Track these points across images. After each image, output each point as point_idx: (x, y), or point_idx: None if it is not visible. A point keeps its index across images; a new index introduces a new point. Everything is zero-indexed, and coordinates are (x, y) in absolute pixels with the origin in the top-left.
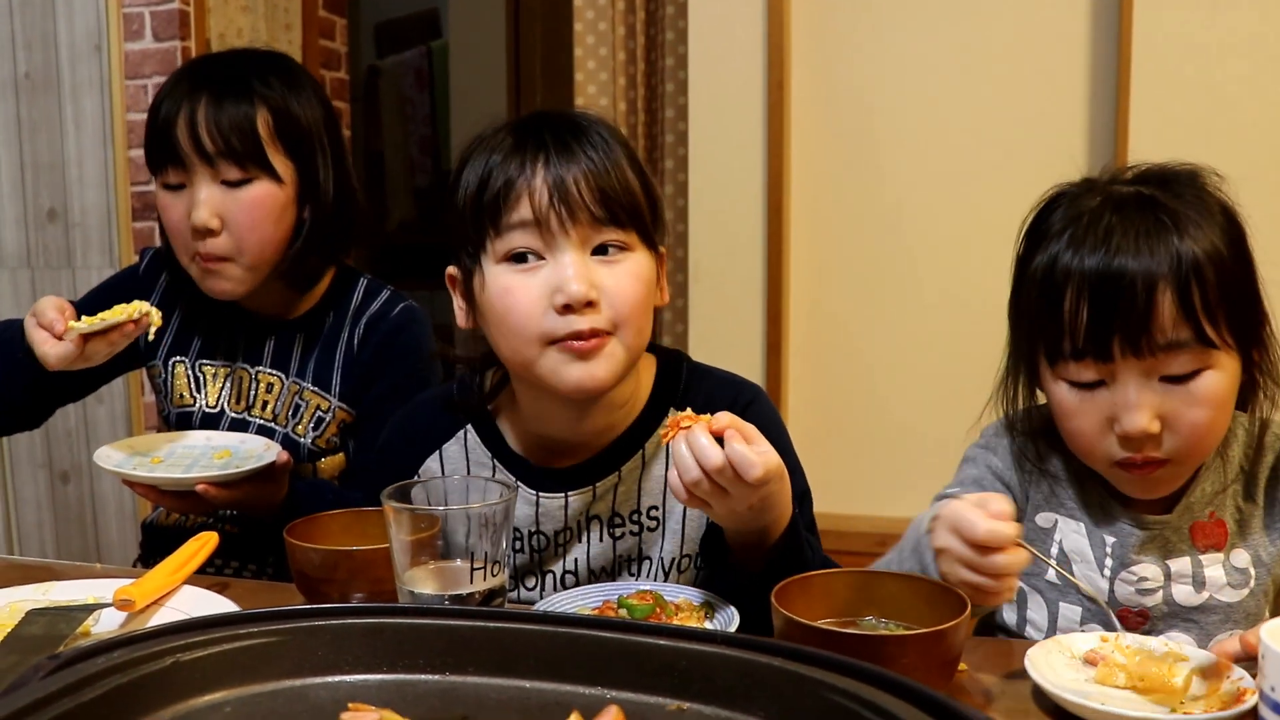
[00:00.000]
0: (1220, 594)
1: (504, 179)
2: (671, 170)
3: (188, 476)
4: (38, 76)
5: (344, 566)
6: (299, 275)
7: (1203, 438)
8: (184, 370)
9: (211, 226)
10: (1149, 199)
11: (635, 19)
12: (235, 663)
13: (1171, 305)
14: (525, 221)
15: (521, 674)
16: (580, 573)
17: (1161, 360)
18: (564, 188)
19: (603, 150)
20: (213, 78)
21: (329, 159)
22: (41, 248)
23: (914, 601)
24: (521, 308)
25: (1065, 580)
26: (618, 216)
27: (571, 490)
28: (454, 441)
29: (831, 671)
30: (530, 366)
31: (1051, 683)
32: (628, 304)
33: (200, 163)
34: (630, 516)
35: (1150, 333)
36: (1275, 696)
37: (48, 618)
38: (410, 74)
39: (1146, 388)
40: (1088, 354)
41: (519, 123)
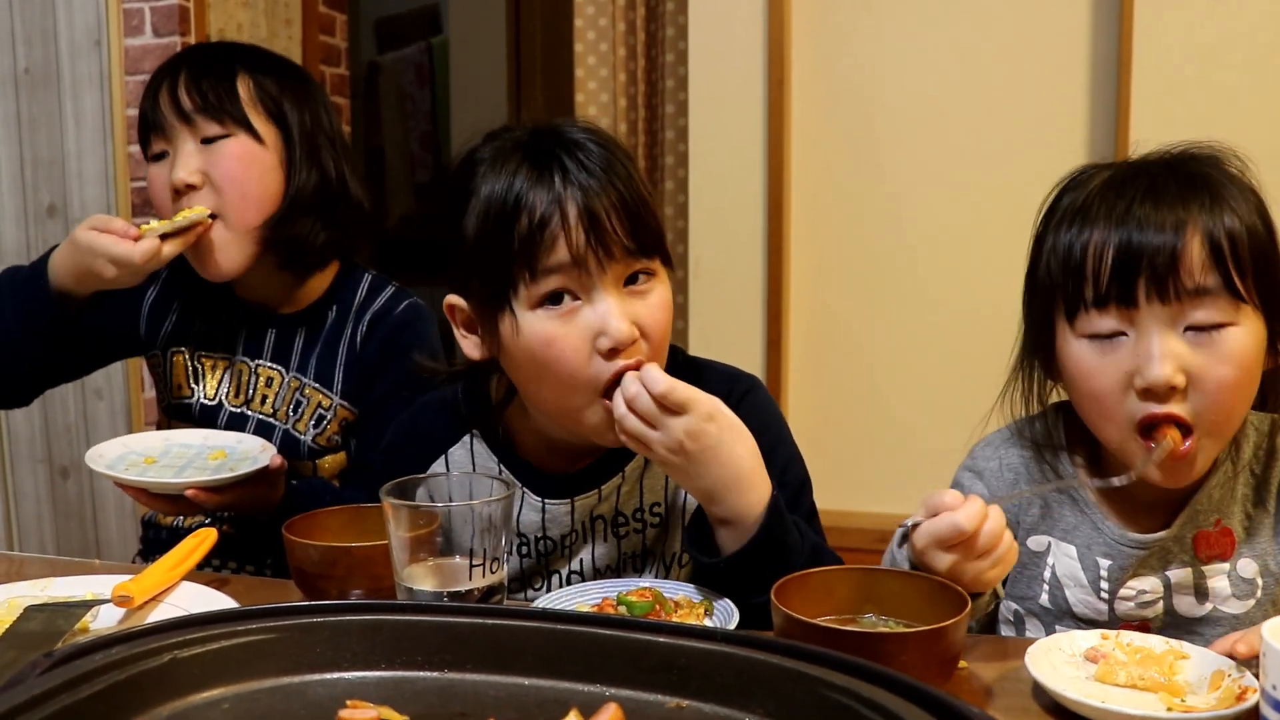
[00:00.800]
0: (1225, 605)
1: (536, 217)
2: (672, 166)
3: (177, 481)
4: (37, 72)
5: (342, 563)
6: (289, 249)
7: (1228, 401)
8: (183, 361)
9: (192, 182)
10: (1180, 165)
11: (635, 15)
12: (233, 659)
13: (1201, 249)
14: (563, 265)
15: (520, 671)
16: (586, 573)
17: (1187, 307)
18: (599, 226)
19: (625, 176)
20: (200, 56)
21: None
22: (41, 243)
23: (914, 599)
24: (567, 358)
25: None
26: (647, 246)
27: (577, 495)
28: (460, 447)
29: (830, 669)
30: (574, 414)
31: (1051, 680)
32: (660, 336)
33: (179, 123)
34: (634, 515)
35: (1178, 275)
36: (1277, 695)
37: (46, 614)
38: (411, 70)
39: (1171, 337)
40: (1111, 298)
41: (531, 143)
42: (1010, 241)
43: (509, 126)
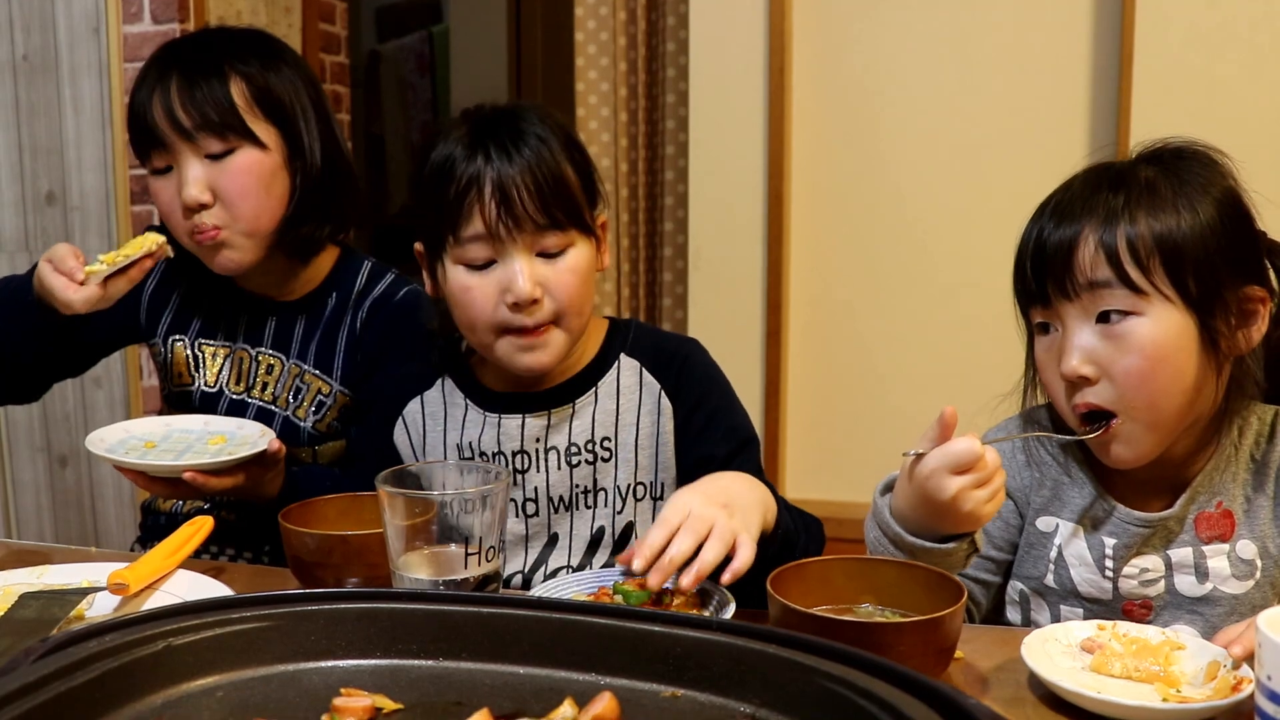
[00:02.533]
0: (1224, 585)
1: (456, 190)
2: (672, 156)
3: (176, 464)
4: (36, 59)
5: (339, 551)
6: (296, 243)
7: (1140, 389)
8: (183, 349)
9: (203, 201)
10: (1129, 171)
11: (636, 3)
12: (228, 647)
13: (1092, 246)
14: (479, 234)
15: (515, 660)
16: (540, 500)
17: (1089, 301)
18: (509, 201)
19: (543, 152)
20: (184, 59)
21: (313, 125)
22: (40, 231)
23: (911, 588)
24: (478, 304)
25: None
26: (558, 220)
27: (529, 413)
28: (433, 389)
29: (826, 658)
30: (487, 349)
31: (1047, 671)
32: (568, 296)
33: (181, 140)
34: (585, 446)
35: (1072, 271)
36: (1272, 685)
37: (41, 601)
38: (411, 58)
39: (1082, 330)
40: (1034, 299)
41: (475, 118)
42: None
43: (479, 105)
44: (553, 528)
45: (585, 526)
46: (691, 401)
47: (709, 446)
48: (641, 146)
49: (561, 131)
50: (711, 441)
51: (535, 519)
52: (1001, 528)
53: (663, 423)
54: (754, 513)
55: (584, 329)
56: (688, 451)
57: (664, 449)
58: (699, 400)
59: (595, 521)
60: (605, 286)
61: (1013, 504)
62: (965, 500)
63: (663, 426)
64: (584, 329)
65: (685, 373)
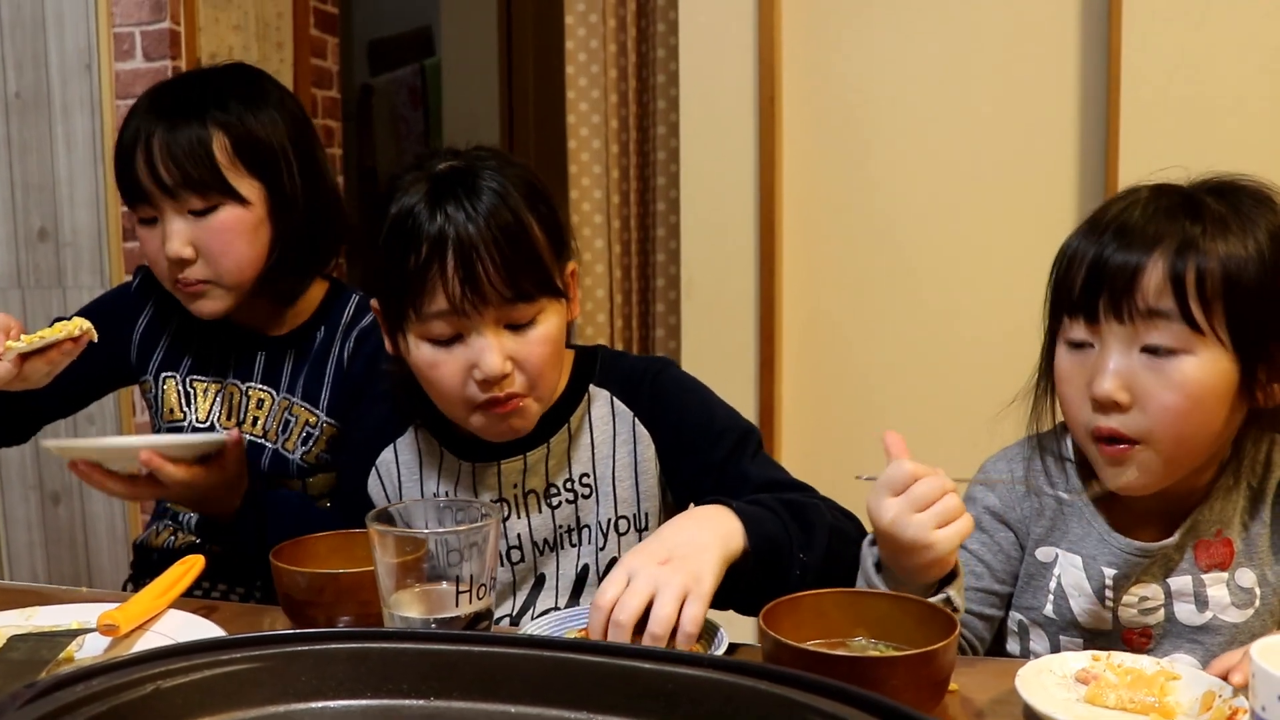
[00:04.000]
0: (1224, 614)
1: (416, 262)
2: (664, 186)
3: (131, 441)
4: (28, 96)
5: (330, 589)
6: (278, 290)
7: (1172, 426)
8: (174, 385)
9: (185, 257)
10: (1193, 199)
11: (626, 37)
12: (217, 689)
13: (1160, 274)
14: (443, 311)
15: (506, 698)
16: (524, 547)
17: (1142, 329)
18: (474, 278)
19: (504, 215)
20: (167, 106)
21: (296, 171)
22: (32, 267)
23: (904, 621)
24: (446, 381)
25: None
26: (526, 292)
27: (504, 459)
28: (407, 435)
29: (817, 695)
30: (459, 421)
31: (1042, 703)
32: (538, 367)
33: (163, 196)
34: (564, 485)
35: (1133, 295)
36: (1266, 716)
37: (30, 643)
38: (404, 91)
39: (1125, 355)
40: (1080, 310)
41: (435, 184)
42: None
43: (435, 152)
44: (539, 569)
45: (570, 565)
46: (671, 422)
47: (703, 456)
48: (633, 178)
49: (523, 184)
50: (704, 450)
51: (521, 564)
52: (1003, 560)
53: (641, 450)
54: (705, 554)
55: (554, 391)
56: (683, 467)
57: (645, 478)
58: (679, 418)
59: (580, 560)
60: (598, 318)
61: (1013, 535)
62: (904, 525)
63: (641, 455)
64: (554, 391)
65: (656, 395)
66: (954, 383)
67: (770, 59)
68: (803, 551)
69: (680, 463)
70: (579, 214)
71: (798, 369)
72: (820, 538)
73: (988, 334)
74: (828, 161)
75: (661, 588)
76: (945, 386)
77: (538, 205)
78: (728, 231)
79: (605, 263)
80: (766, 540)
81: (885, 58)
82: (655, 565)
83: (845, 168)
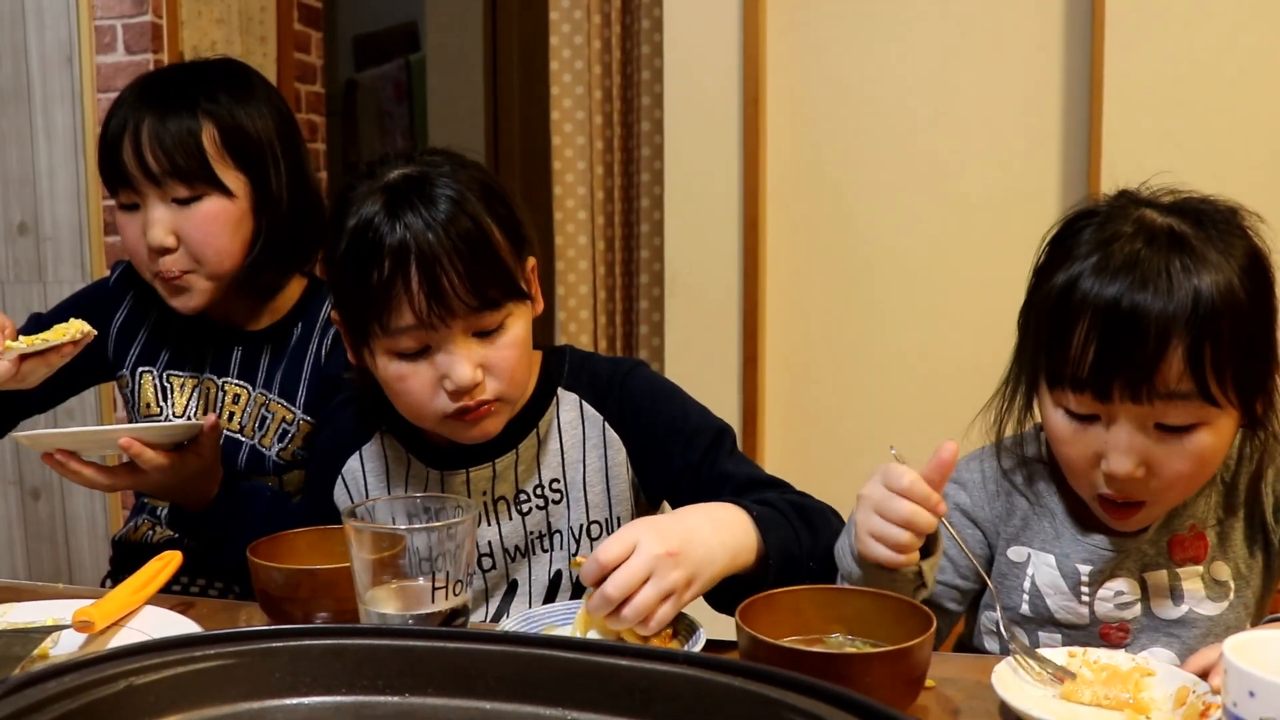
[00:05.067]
0: (1199, 607)
1: (380, 278)
2: (648, 183)
3: (110, 428)
4: (8, 88)
5: (307, 585)
6: (257, 285)
7: (1184, 487)
8: (151, 380)
9: (166, 245)
10: (1180, 238)
11: (610, 33)
12: (190, 686)
13: (1180, 358)
14: (409, 326)
15: (482, 694)
16: (495, 554)
17: (1159, 409)
18: (440, 292)
19: (462, 221)
20: (156, 96)
21: (283, 168)
22: (12, 261)
23: (880, 618)
24: (415, 394)
25: (963, 552)
26: (493, 300)
27: (472, 466)
28: (373, 442)
29: (792, 692)
30: (429, 426)
31: (1018, 700)
32: (509, 373)
33: (148, 183)
34: (534, 491)
35: (1153, 382)
36: (1237, 711)
37: (4, 640)
38: (389, 86)
39: (1139, 433)
40: (1088, 389)
41: (390, 195)
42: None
43: (385, 159)
44: (510, 575)
45: (543, 571)
46: (641, 426)
47: (679, 457)
48: (617, 174)
49: (479, 186)
50: (679, 452)
51: (493, 571)
52: (967, 558)
53: (611, 455)
54: (708, 562)
55: (524, 393)
56: (658, 470)
57: (616, 483)
58: (649, 421)
59: (552, 565)
60: (582, 314)
61: (981, 534)
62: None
63: (612, 459)
64: (524, 393)
65: (626, 399)
66: (934, 379)
67: (754, 57)
68: (812, 560)
69: (653, 465)
70: (563, 210)
71: (780, 364)
72: (823, 541)
73: (968, 331)
74: (811, 159)
75: (656, 577)
76: (926, 382)
77: (495, 207)
78: (711, 228)
79: (589, 259)
80: (785, 556)
81: (868, 57)
82: (662, 550)
83: (828, 166)
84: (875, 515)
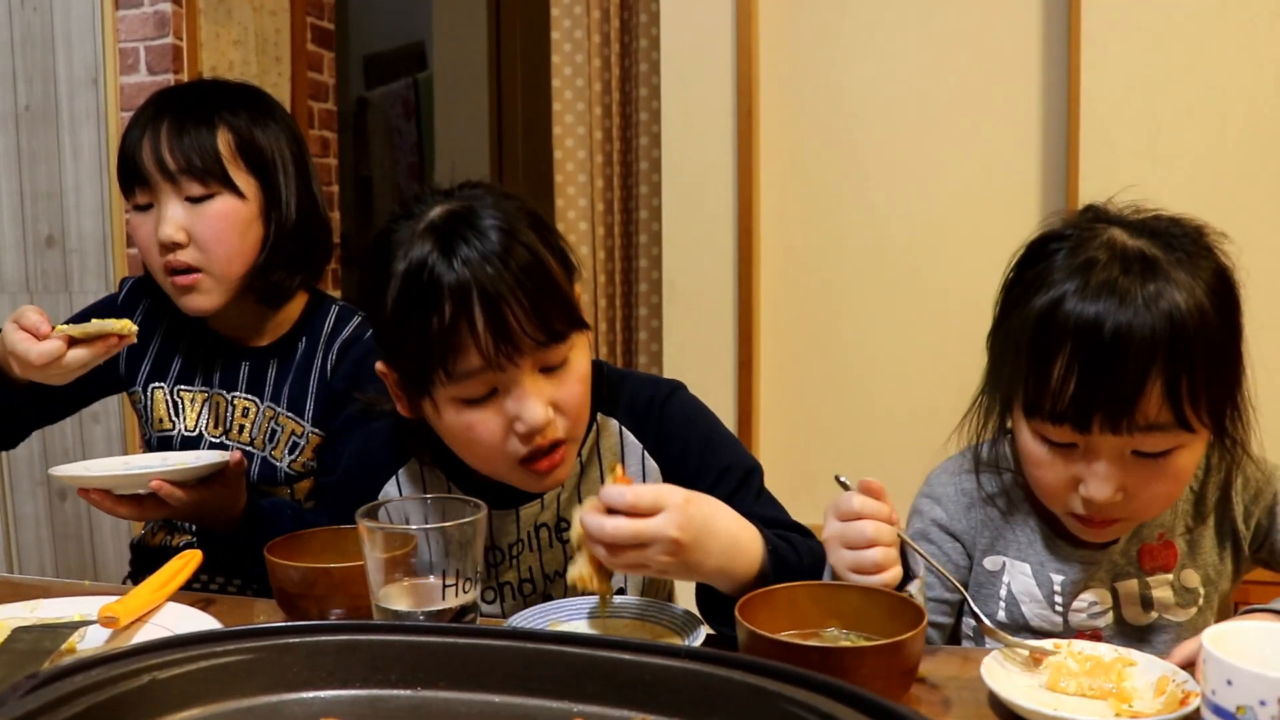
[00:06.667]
0: (1169, 614)
1: (441, 324)
2: (646, 195)
3: (144, 472)
4: (37, 109)
5: (322, 583)
6: (268, 290)
7: (1161, 505)
8: (163, 395)
9: (178, 240)
10: (1152, 263)
11: (610, 52)
12: (211, 679)
13: (1159, 392)
14: (477, 369)
15: (490, 688)
16: (536, 580)
17: (1138, 439)
18: (507, 329)
19: (526, 259)
20: (177, 105)
21: (293, 178)
22: (40, 272)
23: (874, 613)
24: (486, 441)
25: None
26: (559, 333)
27: (522, 504)
28: (408, 468)
29: (790, 684)
30: (498, 477)
31: (1006, 690)
32: (578, 409)
33: (164, 180)
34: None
35: (1133, 415)
36: (1216, 700)
37: (33, 635)
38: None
39: (1118, 460)
40: (1068, 421)
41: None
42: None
43: (421, 197)
44: (548, 595)
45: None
46: (676, 452)
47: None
48: (617, 186)
49: (526, 215)
50: (706, 488)
51: (533, 595)
52: (952, 570)
53: (649, 483)
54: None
55: (585, 426)
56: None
57: None
58: (683, 450)
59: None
60: None
61: (960, 546)
62: (832, 549)
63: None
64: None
65: (664, 425)
66: (926, 386)
67: (748, 73)
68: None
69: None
70: (564, 221)
71: (774, 369)
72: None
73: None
74: (803, 170)
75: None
76: (918, 390)
77: (546, 235)
78: (707, 238)
79: (590, 268)
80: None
81: (858, 71)
82: (675, 534)
83: (820, 176)
84: (843, 549)
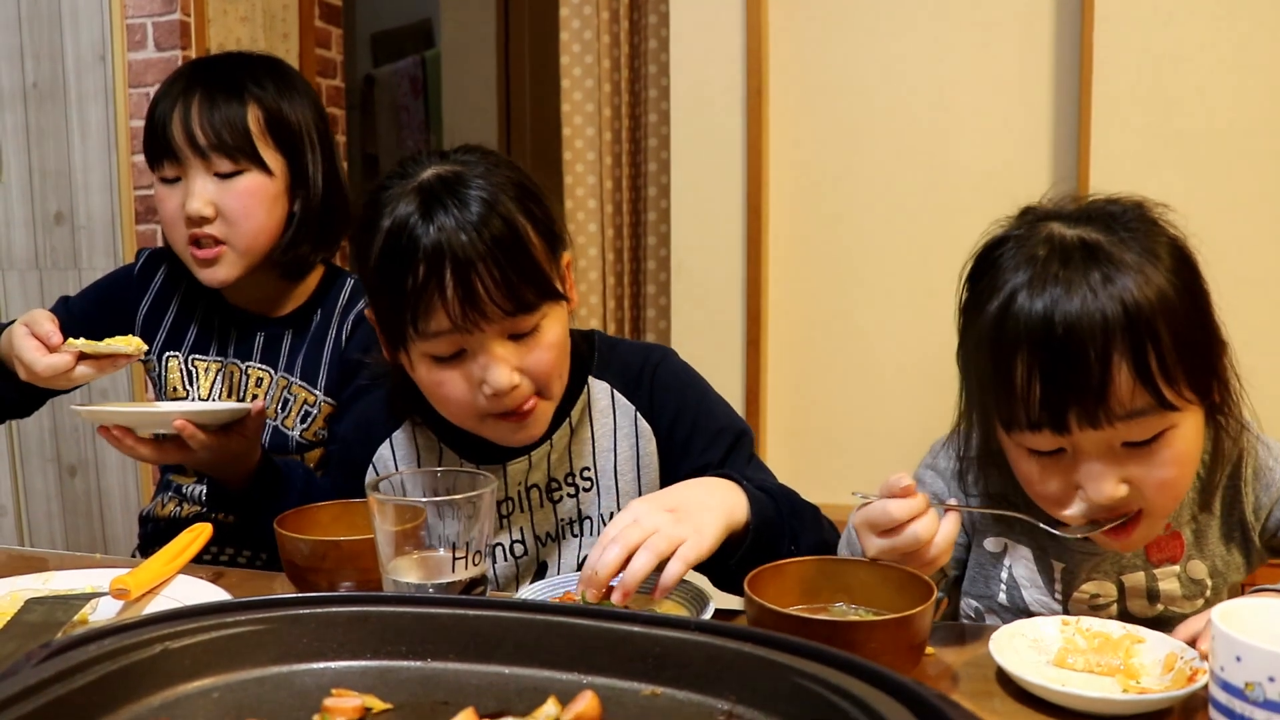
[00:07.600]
0: (1175, 606)
1: (414, 283)
2: (654, 173)
3: (165, 409)
4: (45, 86)
5: (331, 556)
6: (289, 264)
7: (1172, 492)
8: (177, 364)
9: (206, 215)
10: (1093, 248)
11: (619, 29)
12: (222, 650)
13: (1128, 375)
14: (444, 330)
15: (500, 660)
16: (527, 541)
17: (1121, 429)
18: (474, 296)
19: (501, 229)
20: (208, 79)
21: (318, 155)
22: (49, 249)
23: (883, 587)
24: (454, 396)
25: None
26: (528, 303)
27: (509, 460)
28: (402, 430)
29: (799, 656)
30: (471, 429)
31: (1014, 665)
32: (547, 374)
33: (194, 156)
34: (565, 479)
35: (1108, 404)
36: (1224, 676)
37: (46, 606)
38: (405, 81)
39: (1109, 456)
40: (1045, 425)
41: (424, 197)
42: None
43: (417, 157)
44: (540, 559)
45: (572, 556)
46: (669, 417)
47: (698, 458)
48: (625, 164)
49: (513, 186)
50: (699, 452)
51: (524, 557)
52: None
53: (642, 445)
54: (710, 514)
55: (564, 389)
56: (679, 465)
57: (646, 471)
58: (676, 414)
59: (581, 550)
60: (591, 299)
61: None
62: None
63: (643, 449)
64: (564, 389)
65: (656, 388)
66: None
67: (757, 51)
68: (793, 544)
69: (676, 457)
70: (573, 199)
71: (782, 346)
72: (808, 539)
73: None
74: (811, 149)
75: (663, 530)
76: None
77: (529, 206)
78: (716, 216)
79: (598, 246)
80: (766, 524)
81: (868, 50)
82: (664, 511)
83: (828, 154)
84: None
